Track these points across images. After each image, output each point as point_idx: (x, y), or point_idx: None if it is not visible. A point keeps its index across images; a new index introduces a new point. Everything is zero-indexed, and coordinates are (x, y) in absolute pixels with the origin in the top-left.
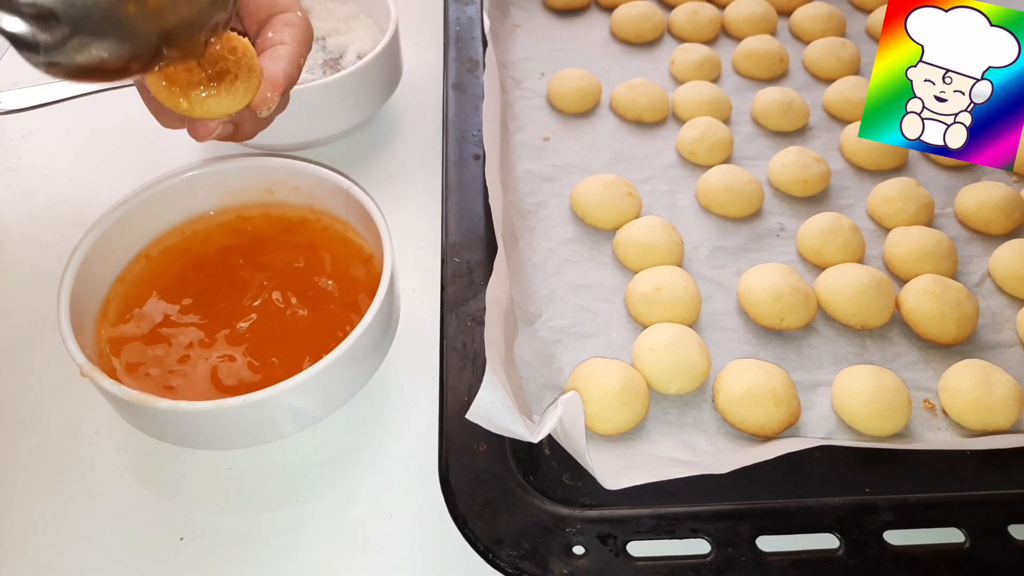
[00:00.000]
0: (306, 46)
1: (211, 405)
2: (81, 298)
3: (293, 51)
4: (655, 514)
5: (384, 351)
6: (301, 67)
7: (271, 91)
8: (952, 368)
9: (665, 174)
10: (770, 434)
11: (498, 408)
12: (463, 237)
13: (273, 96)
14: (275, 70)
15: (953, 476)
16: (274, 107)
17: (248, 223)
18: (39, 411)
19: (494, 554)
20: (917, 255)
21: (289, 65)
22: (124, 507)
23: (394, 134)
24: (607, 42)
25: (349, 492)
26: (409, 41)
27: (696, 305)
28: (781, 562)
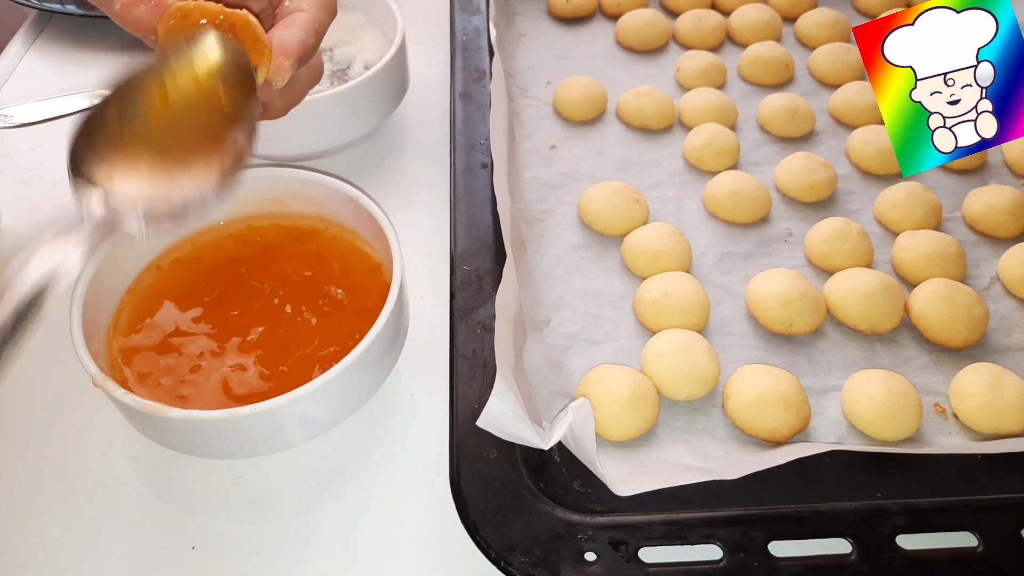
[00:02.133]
0: (327, 12)
1: (222, 414)
2: (92, 309)
3: (311, 18)
4: (667, 520)
5: (394, 359)
6: (321, 35)
7: (283, 59)
8: (962, 372)
9: (672, 180)
10: (780, 439)
11: (509, 415)
12: (472, 245)
13: (286, 64)
14: (288, 37)
15: (965, 480)
16: (288, 76)
17: (257, 233)
18: (51, 422)
19: (506, 561)
20: (926, 259)
21: (305, 32)
22: (136, 516)
23: (401, 144)
24: (612, 50)
25: (359, 500)
26: (416, 51)
27: (705, 311)
28: (794, 567)
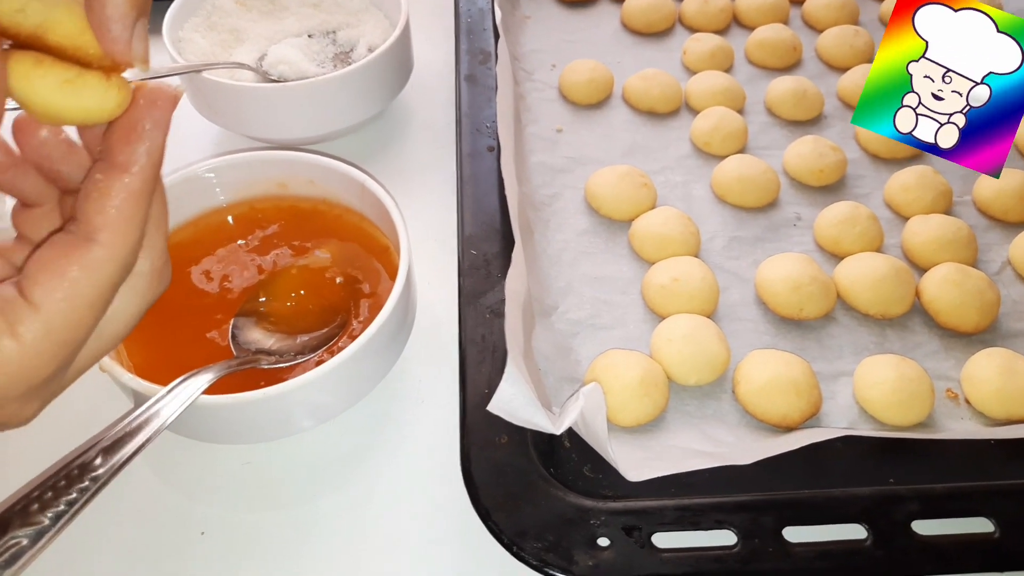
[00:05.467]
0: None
1: (230, 399)
2: None
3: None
4: (680, 505)
5: (402, 344)
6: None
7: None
8: (974, 357)
9: (679, 164)
10: (791, 425)
11: (520, 400)
12: (479, 229)
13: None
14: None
15: (979, 465)
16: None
17: (261, 214)
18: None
19: (519, 546)
20: (937, 243)
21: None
22: (144, 503)
23: (406, 127)
24: (618, 33)
25: (369, 486)
26: (419, 34)
27: (714, 296)
28: (808, 553)
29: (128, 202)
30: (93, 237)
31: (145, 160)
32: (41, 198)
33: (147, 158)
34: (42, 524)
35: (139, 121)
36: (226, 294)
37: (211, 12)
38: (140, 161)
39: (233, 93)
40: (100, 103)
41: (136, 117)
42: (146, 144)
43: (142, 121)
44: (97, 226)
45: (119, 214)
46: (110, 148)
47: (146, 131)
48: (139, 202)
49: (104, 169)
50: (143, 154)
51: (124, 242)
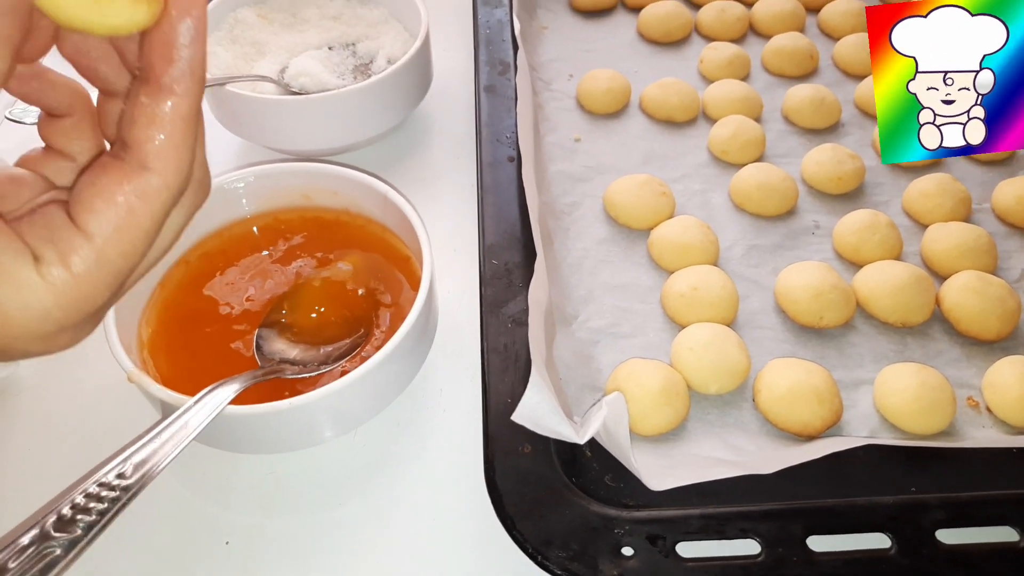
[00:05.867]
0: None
1: (257, 409)
2: (124, 305)
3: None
4: (704, 514)
5: (424, 353)
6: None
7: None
8: (996, 365)
9: (697, 173)
10: (813, 433)
11: (544, 409)
12: (501, 238)
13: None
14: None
15: (1002, 473)
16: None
17: (285, 225)
18: (83, 417)
19: (543, 555)
20: (957, 251)
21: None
22: (170, 512)
23: (426, 138)
24: (635, 42)
25: (392, 494)
26: (438, 45)
27: (734, 304)
28: (833, 562)
29: (179, 127)
30: (147, 165)
31: (190, 80)
32: (69, 108)
33: (191, 77)
34: (75, 534)
35: (176, 35)
36: (251, 305)
37: (233, 26)
38: (185, 81)
39: (255, 105)
40: (131, 14)
41: (172, 29)
42: (188, 61)
43: (179, 34)
44: (149, 153)
45: (171, 141)
46: (151, 66)
47: (185, 46)
48: (189, 126)
49: (150, 92)
50: (187, 73)
51: (178, 169)
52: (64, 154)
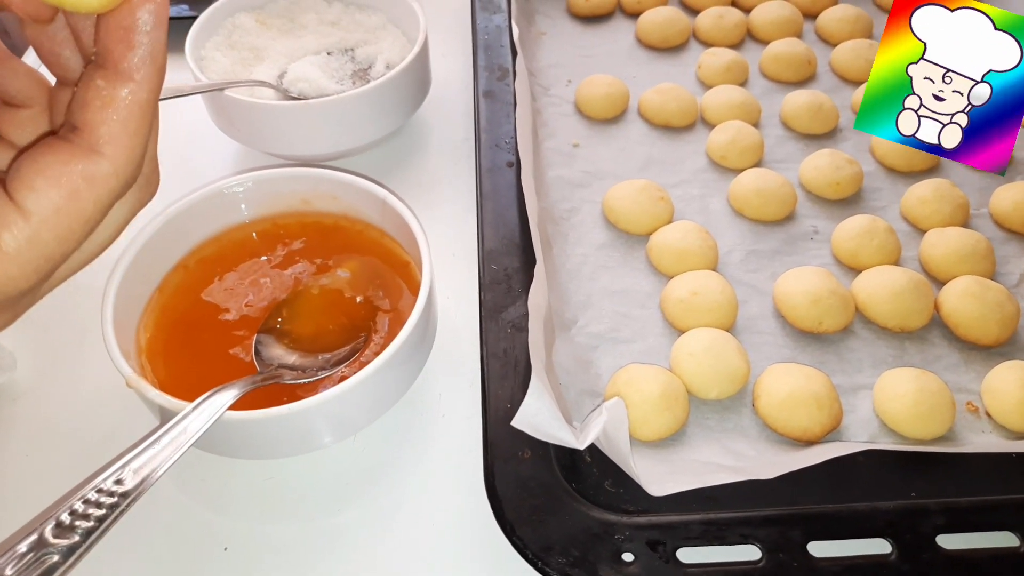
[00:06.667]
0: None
1: (256, 415)
2: (122, 310)
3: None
4: (704, 520)
5: (424, 358)
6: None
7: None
8: (995, 370)
9: (696, 178)
10: (813, 438)
11: (544, 415)
12: (500, 244)
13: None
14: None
15: (1002, 478)
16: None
17: (284, 231)
18: (81, 422)
19: (543, 561)
20: (955, 256)
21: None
22: (169, 518)
23: (424, 143)
24: (633, 48)
25: (391, 500)
26: (437, 50)
27: (733, 309)
28: (834, 567)
29: (135, 115)
30: (98, 148)
31: (151, 67)
32: (28, 99)
33: (152, 65)
34: (73, 541)
35: (137, 19)
36: (250, 310)
37: (232, 31)
38: (145, 68)
39: (254, 110)
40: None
41: (131, 14)
42: (149, 47)
43: (140, 18)
44: (102, 137)
45: (125, 128)
46: (108, 50)
47: (146, 31)
48: (145, 115)
49: (107, 76)
50: (147, 59)
51: (130, 157)
52: (9, 143)
